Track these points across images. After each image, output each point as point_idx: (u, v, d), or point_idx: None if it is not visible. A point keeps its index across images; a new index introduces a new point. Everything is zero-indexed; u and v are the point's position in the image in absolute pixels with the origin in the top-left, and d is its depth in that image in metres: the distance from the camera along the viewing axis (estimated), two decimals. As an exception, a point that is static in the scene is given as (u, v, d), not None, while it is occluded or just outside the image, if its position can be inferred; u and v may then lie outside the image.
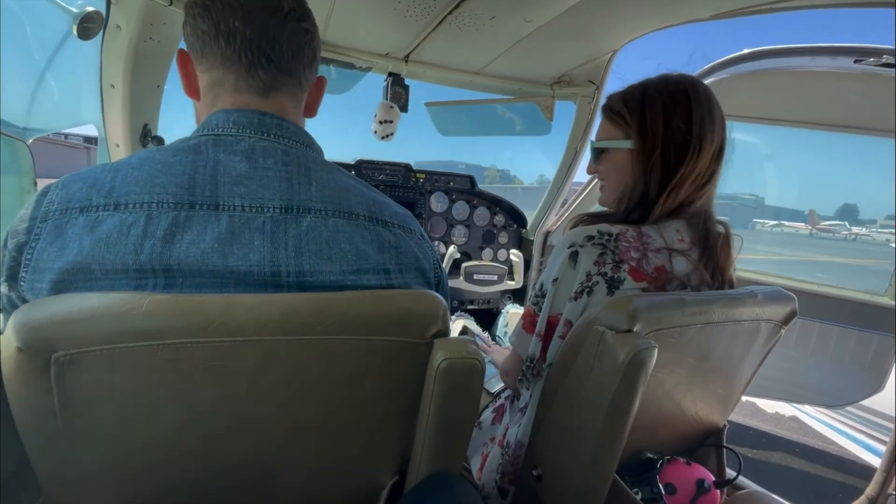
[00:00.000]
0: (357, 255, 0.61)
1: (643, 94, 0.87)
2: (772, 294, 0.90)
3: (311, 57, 0.69)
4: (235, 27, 0.61)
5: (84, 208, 0.53)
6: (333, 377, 0.58)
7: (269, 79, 0.64)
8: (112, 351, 0.49)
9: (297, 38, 0.65)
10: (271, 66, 0.64)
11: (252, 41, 0.62)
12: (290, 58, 0.65)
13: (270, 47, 0.63)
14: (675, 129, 0.83)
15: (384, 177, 2.11)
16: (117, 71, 1.19)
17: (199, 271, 0.54)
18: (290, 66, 0.65)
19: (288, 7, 0.63)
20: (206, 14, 0.61)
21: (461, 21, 1.36)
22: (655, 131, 0.85)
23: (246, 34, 0.61)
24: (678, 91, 0.85)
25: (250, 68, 0.63)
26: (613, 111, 0.92)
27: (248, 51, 0.62)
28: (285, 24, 0.63)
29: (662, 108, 0.85)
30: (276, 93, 0.65)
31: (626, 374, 0.69)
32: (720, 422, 1.08)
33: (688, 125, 0.83)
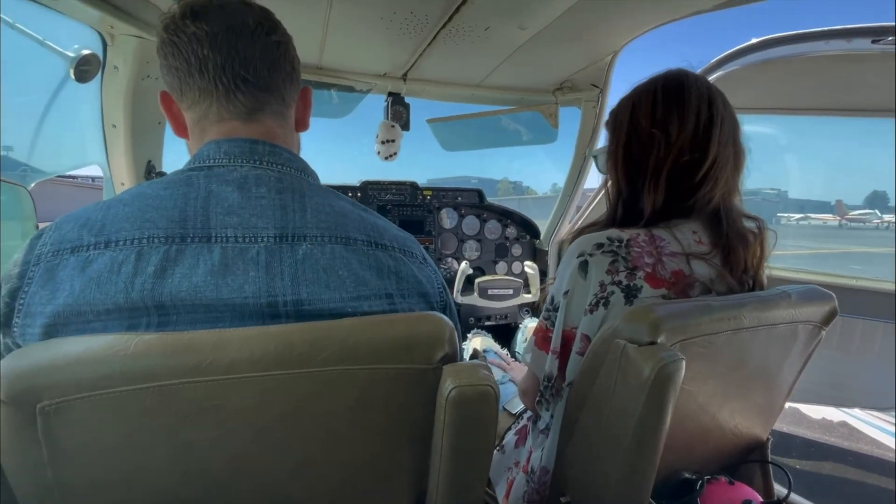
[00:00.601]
0: (356, 281, 0.59)
1: (622, 99, 0.90)
2: (807, 293, 0.84)
3: (290, 69, 0.67)
4: (205, 56, 0.59)
5: (75, 248, 0.53)
6: (336, 410, 0.54)
7: (250, 100, 0.63)
8: (99, 397, 0.46)
9: (270, 52, 0.63)
10: (249, 87, 0.62)
11: (224, 66, 0.60)
12: (266, 74, 0.63)
13: (244, 68, 0.61)
14: (639, 124, 0.84)
15: (391, 196, 2.10)
16: (118, 111, 1.21)
17: (193, 306, 0.53)
18: (267, 83, 0.64)
19: (254, 23, 0.62)
20: (175, 51, 0.60)
21: (455, 35, 1.35)
22: (621, 129, 0.86)
23: (217, 61, 0.60)
24: (646, 87, 0.86)
25: (228, 94, 0.61)
26: (606, 122, 0.95)
27: (222, 77, 0.60)
28: (255, 41, 0.62)
29: (630, 106, 0.86)
30: (260, 114, 0.64)
31: (652, 390, 0.65)
32: (763, 434, 1.00)
33: (650, 118, 0.82)
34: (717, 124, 0.81)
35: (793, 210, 37.03)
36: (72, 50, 1.04)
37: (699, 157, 0.80)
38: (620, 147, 0.87)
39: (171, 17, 0.61)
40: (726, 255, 0.82)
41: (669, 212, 0.83)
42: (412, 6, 1.19)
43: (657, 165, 0.81)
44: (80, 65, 1.04)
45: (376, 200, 2.08)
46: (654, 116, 0.82)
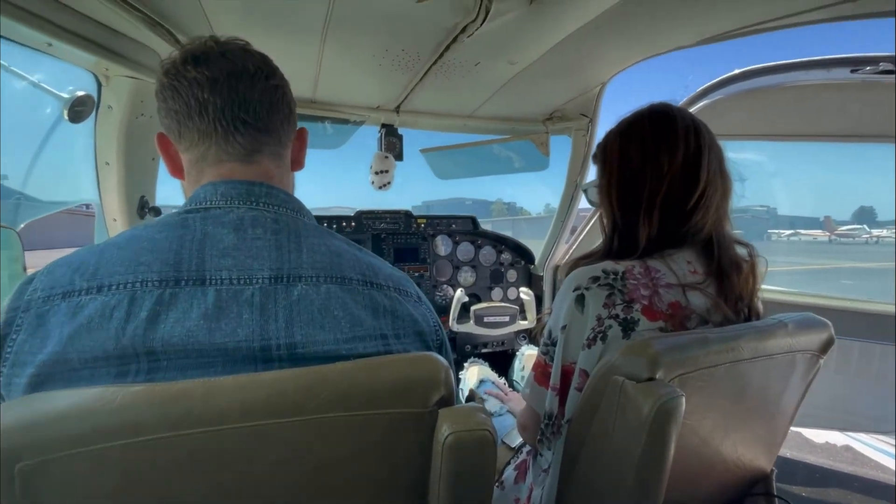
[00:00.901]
0: (351, 321, 0.58)
1: (608, 134, 0.92)
2: (804, 322, 0.84)
3: (287, 112, 0.68)
4: (206, 99, 0.60)
5: (67, 293, 0.52)
6: (331, 458, 0.53)
7: (249, 141, 0.63)
8: (82, 454, 0.44)
9: (269, 95, 0.65)
10: (248, 129, 0.63)
11: (224, 109, 0.61)
12: (265, 116, 0.64)
13: (244, 110, 0.62)
14: (630, 157, 0.85)
15: (385, 225, 2.11)
16: (111, 148, 1.22)
17: (185, 351, 0.52)
18: (266, 125, 0.65)
19: (254, 68, 0.63)
20: (175, 94, 0.61)
21: (447, 70, 1.38)
22: (612, 163, 0.88)
23: (217, 104, 0.61)
24: (634, 121, 0.88)
25: (227, 136, 0.62)
26: (594, 155, 0.96)
27: (222, 119, 0.61)
28: (254, 84, 0.63)
29: (619, 140, 0.88)
30: (258, 155, 0.65)
31: (652, 427, 0.63)
32: (767, 466, 0.98)
33: (641, 151, 0.84)
34: (705, 153, 0.82)
35: (783, 226, 37.52)
36: (66, 91, 1.05)
37: (690, 186, 0.81)
38: (613, 180, 0.88)
39: (172, 62, 0.62)
40: (720, 283, 0.82)
41: (663, 241, 0.83)
42: (403, 44, 1.22)
43: (651, 196, 0.82)
44: (74, 105, 1.05)
45: (371, 229, 2.08)
46: (645, 149, 0.83)
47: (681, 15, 1.06)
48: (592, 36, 1.17)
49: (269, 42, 1.17)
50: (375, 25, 1.11)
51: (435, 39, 1.18)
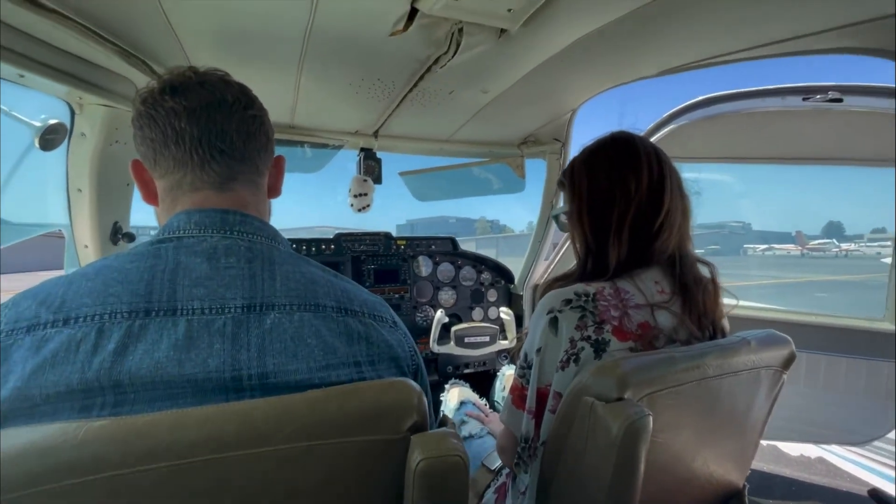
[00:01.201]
0: (325, 349, 0.58)
1: (573, 162, 0.95)
2: (766, 339, 0.87)
3: (264, 141, 0.69)
4: (182, 128, 0.61)
5: (31, 327, 0.51)
6: (301, 488, 0.52)
7: (224, 169, 0.64)
8: (42, 493, 0.43)
9: (246, 125, 0.65)
10: (224, 157, 0.63)
11: (201, 139, 0.62)
12: (241, 146, 0.65)
13: (220, 140, 0.63)
14: (598, 182, 0.88)
15: (364, 247, 2.11)
16: (84, 175, 1.20)
17: (153, 383, 0.51)
18: (242, 154, 0.65)
19: (232, 98, 0.64)
20: (152, 123, 0.62)
21: (422, 97, 1.42)
22: (581, 189, 0.91)
23: (194, 133, 0.61)
24: (598, 148, 0.92)
25: (203, 164, 0.63)
26: (560, 182, 1.00)
27: (198, 148, 0.62)
28: (232, 114, 0.64)
29: (585, 168, 0.92)
30: (234, 183, 0.65)
31: (622, 447, 0.64)
32: (739, 481, 0.99)
33: (608, 177, 0.87)
34: (667, 176, 0.87)
35: (757, 241, 38.59)
36: (38, 120, 1.05)
37: (656, 207, 0.85)
38: (584, 205, 0.90)
39: (150, 91, 0.63)
40: (684, 300, 0.85)
41: (631, 262, 0.86)
42: (379, 74, 1.26)
43: (620, 219, 0.85)
44: (45, 133, 1.04)
45: (350, 251, 2.08)
46: (612, 174, 0.87)
47: (642, 48, 1.13)
48: (561, 66, 1.23)
49: (246, 71, 1.19)
50: (350, 57, 1.14)
51: (409, 69, 1.22)
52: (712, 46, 1.08)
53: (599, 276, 0.87)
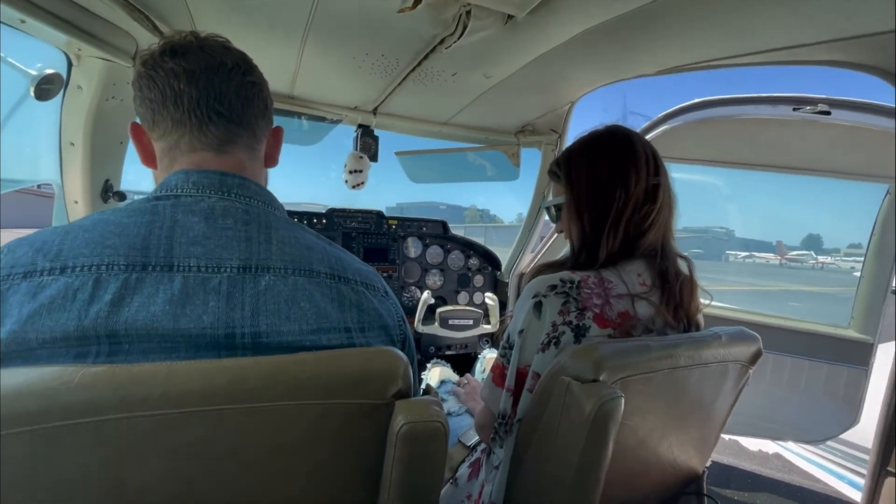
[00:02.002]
0: (317, 313, 0.59)
1: (569, 151, 0.96)
2: (736, 335, 0.91)
3: (262, 108, 0.69)
4: (181, 90, 0.61)
5: (28, 273, 0.51)
6: (287, 445, 0.54)
7: (222, 132, 0.64)
8: (38, 432, 0.44)
9: (245, 90, 0.66)
10: (222, 120, 0.64)
11: (199, 100, 0.62)
12: (240, 109, 0.65)
13: (219, 102, 0.63)
14: (598, 174, 0.89)
15: (356, 224, 2.11)
16: (78, 129, 1.18)
17: (148, 335, 0.52)
18: (240, 118, 0.66)
19: (231, 63, 0.65)
20: (151, 84, 0.62)
21: (424, 77, 1.42)
22: (580, 180, 0.91)
23: (192, 94, 0.62)
24: (597, 140, 0.93)
25: (201, 126, 0.63)
26: (552, 172, 1.00)
27: (196, 110, 0.62)
28: (231, 78, 0.64)
29: (585, 159, 0.92)
30: (231, 146, 0.65)
31: (593, 425, 0.68)
32: (699, 467, 1.05)
33: (610, 170, 0.89)
34: (662, 174, 0.90)
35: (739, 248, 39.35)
36: (34, 68, 1.02)
37: (651, 203, 0.88)
38: (583, 197, 0.91)
39: (151, 53, 0.63)
40: (663, 292, 0.89)
41: (618, 254, 0.89)
42: (383, 49, 1.25)
43: (618, 212, 0.87)
44: (41, 83, 1.02)
45: (342, 227, 2.08)
46: (613, 167, 0.88)
47: (643, 46, 1.15)
48: (563, 58, 1.24)
49: (250, 38, 1.18)
50: (357, 30, 1.14)
51: (414, 48, 1.22)
52: (711, 50, 1.11)
53: (588, 267, 0.89)
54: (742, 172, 1.94)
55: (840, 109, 1.38)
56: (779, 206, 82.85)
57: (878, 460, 1.07)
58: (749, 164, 1.84)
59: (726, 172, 2.07)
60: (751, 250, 38.91)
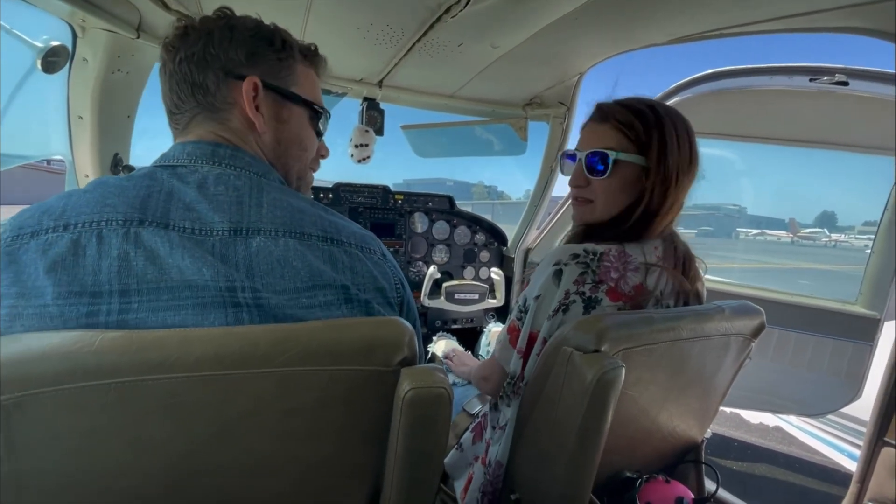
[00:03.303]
0: (310, 272, 0.60)
1: (656, 113, 0.87)
2: (739, 308, 0.92)
3: (201, 79, 0.67)
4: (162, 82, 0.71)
5: (35, 233, 0.53)
6: (296, 409, 0.56)
7: (178, 121, 0.70)
8: (61, 392, 0.47)
9: (176, 78, 0.68)
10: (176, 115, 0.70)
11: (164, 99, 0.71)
12: (179, 102, 0.69)
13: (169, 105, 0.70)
14: (684, 152, 0.87)
15: (363, 199, 2.12)
16: (85, 103, 1.19)
17: (158, 289, 0.53)
18: (187, 106, 0.69)
19: (167, 56, 0.69)
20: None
21: (430, 48, 1.39)
22: (674, 151, 0.86)
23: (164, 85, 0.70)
24: (680, 117, 0.90)
25: (171, 114, 0.70)
26: (621, 121, 0.88)
27: (166, 98, 0.70)
28: (169, 78, 0.69)
29: (675, 132, 0.86)
30: (191, 124, 0.69)
31: (594, 395, 0.69)
32: (698, 437, 1.08)
33: (689, 150, 0.88)
34: None
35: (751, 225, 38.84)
36: (40, 40, 1.02)
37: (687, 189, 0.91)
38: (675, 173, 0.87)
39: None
40: (675, 262, 0.91)
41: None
42: (388, 19, 1.23)
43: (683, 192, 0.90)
44: (48, 56, 1.02)
45: (348, 202, 2.09)
46: (692, 148, 0.90)
47: (653, 15, 1.11)
48: (571, 27, 1.21)
49: (253, 9, 1.15)
50: None
51: (419, 17, 1.19)
52: (723, 17, 1.07)
53: (630, 240, 0.89)
54: (756, 146, 1.90)
55: (858, 80, 1.34)
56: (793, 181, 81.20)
57: (876, 430, 1.09)
58: (763, 138, 1.80)
59: (740, 146, 2.02)
60: (762, 228, 38.39)
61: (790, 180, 76.57)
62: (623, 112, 0.89)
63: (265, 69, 0.69)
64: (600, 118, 0.92)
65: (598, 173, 0.89)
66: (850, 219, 48.80)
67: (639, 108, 0.88)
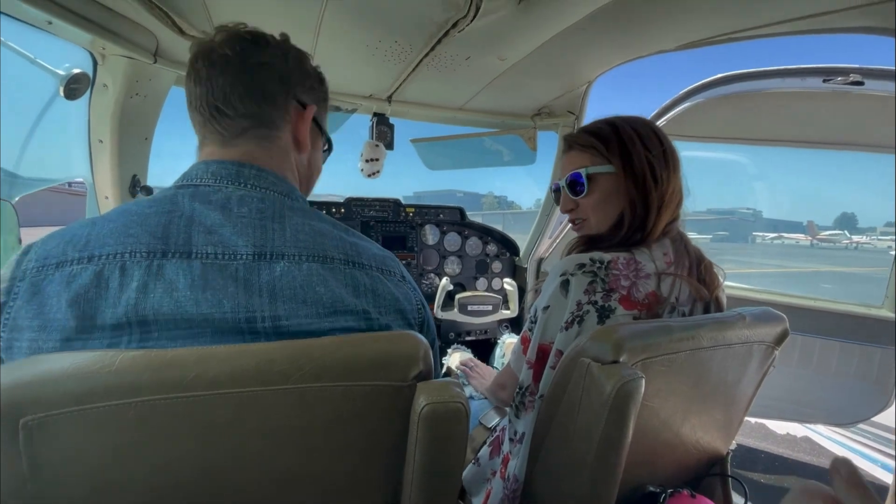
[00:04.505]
0: (333, 298, 0.61)
1: (612, 125, 0.94)
2: (761, 315, 0.90)
3: (275, 90, 0.70)
4: (192, 91, 0.67)
5: (60, 263, 0.54)
6: (312, 425, 0.56)
7: (225, 128, 0.67)
8: (83, 412, 0.48)
9: (243, 78, 0.67)
10: (222, 116, 0.67)
11: (203, 98, 0.66)
12: (237, 102, 0.67)
13: (216, 97, 0.67)
14: (652, 149, 0.90)
15: (374, 213, 2.13)
16: (105, 127, 1.23)
17: (175, 321, 0.54)
18: (242, 110, 0.67)
19: (233, 52, 0.67)
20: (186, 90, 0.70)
21: (438, 63, 1.41)
22: (638, 152, 0.89)
23: (199, 93, 0.66)
24: (640, 120, 0.94)
25: (206, 123, 0.67)
26: (582, 144, 0.96)
27: (202, 108, 0.67)
28: (227, 71, 0.66)
29: (636, 134, 0.91)
30: (238, 139, 0.68)
31: (613, 406, 0.68)
32: (723, 449, 1.04)
33: (661, 146, 0.90)
34: None
35: (767, 229, 38.16)
36: (62, 68, 1.06)
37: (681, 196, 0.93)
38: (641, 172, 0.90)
39: (189, 60, 0.68)
40: (690, 267, 0.90)
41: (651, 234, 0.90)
42: (396, 36, 1.25)
43: (669, 189, 0.91)
44: (70, 83, 1.06)
45: (360, 216, 2.11)
46: (662, 146, 0.91)
47: (661, 21, 1.11)
48: (579, 36, 1.21)
49: (265, 26, 1.19)
50: (369, 17, 1.14)
51: (427, 32, 1.21)
52: (732, 21, 1.07)
53: (629, 245, 0.90)
54: (770, 149, 1.87)
55: (874, 79, 1.32)
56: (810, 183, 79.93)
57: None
58: (777, 141, 1.77)
59: (753, 150, 2.00)
60: (779, 231, 37.68)
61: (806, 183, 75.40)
62: (582, 135, 0.97)
63: (318, 102, 0.78)
64: (567, 147, 1.00)
65: (580, 193, 0.96)
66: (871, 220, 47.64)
67: (595, 126, 0.96)
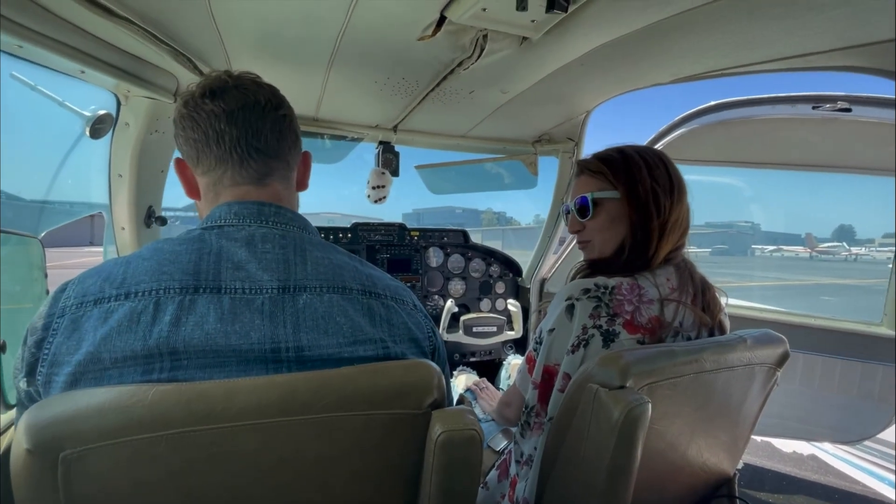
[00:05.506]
0: (352, 327, 0.64)
1: (622, 153, 0.98)
2: (762, 337, 0.92)
3: (294, 138, 0.76)
4: (222, 129, 0.68)
5: (98, 300, 0.58)
6: (333, 454, 0.58)
7: (261, 167, 0.70)
8: (119, 445, 0.50)
9: (278, 125, 0.72)
10: (260, 155, 0.70)
11: (239, 138, 0.68)
12: (275, 144, 0.71)
13: (256, 139, 0.69)
14: (658, 179, 0.93)
15: (379, 237, 2.17)
16: (125, 162, 1.28)
17: (204, 351, 0.57)
18: (276, 152, 0.72)
19: (265, 100, 0.70)
20: (194, 125, 0.68)
21: (443, 96, 1.47)
22: (643, 179, 0.93)
23: (233, 134, 0.68)
24: (650, 150, 0.97)
25: (242, 162, 0.69)
26: (592, 170, 1.00)
27: (237, 147, 0.68)
28: (265, 115, 0.70)
29: (643, 162, 0.94)
30: (269, 178, 0.72)
31: (621, 431, 0.70)
32: (730, 470, 1.06)
33: (667, 176, 0.94)
34: None
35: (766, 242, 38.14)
36: (88, 110, 1.12)
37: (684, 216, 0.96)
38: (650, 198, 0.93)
39: (192, 95, 0.69)
40: (694, 294, 0.93)
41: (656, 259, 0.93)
42: (404, 73, 1.31)
43: (674, 217, 0.94)
44: (95, 123, 1.12)
45: (366, 241, 2.14)
46: (669, 175, 0.95)
47: (657, 57, 1.17)
48: (578, 71, 1.27)
49: (279, 68, 1.25)
50: (378, 58, 1.20)
51: (433, 71, 1.27)
52: (724, 60, 1.12)
53: (631, 269, 0.93)
54: (765, 172, 1.92)
55: (861, 106, 1.37)
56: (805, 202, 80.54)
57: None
58: (771, 164, 1.83)
59: (748, 173, 2.06)
60: (778, 244, 37.70)
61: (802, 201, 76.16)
62: (593, 161, 1.00)
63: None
64: (578, 172, 1.04)
65: (586, 215, 1.00)
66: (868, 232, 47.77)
67: (607, 153, 0.99)
